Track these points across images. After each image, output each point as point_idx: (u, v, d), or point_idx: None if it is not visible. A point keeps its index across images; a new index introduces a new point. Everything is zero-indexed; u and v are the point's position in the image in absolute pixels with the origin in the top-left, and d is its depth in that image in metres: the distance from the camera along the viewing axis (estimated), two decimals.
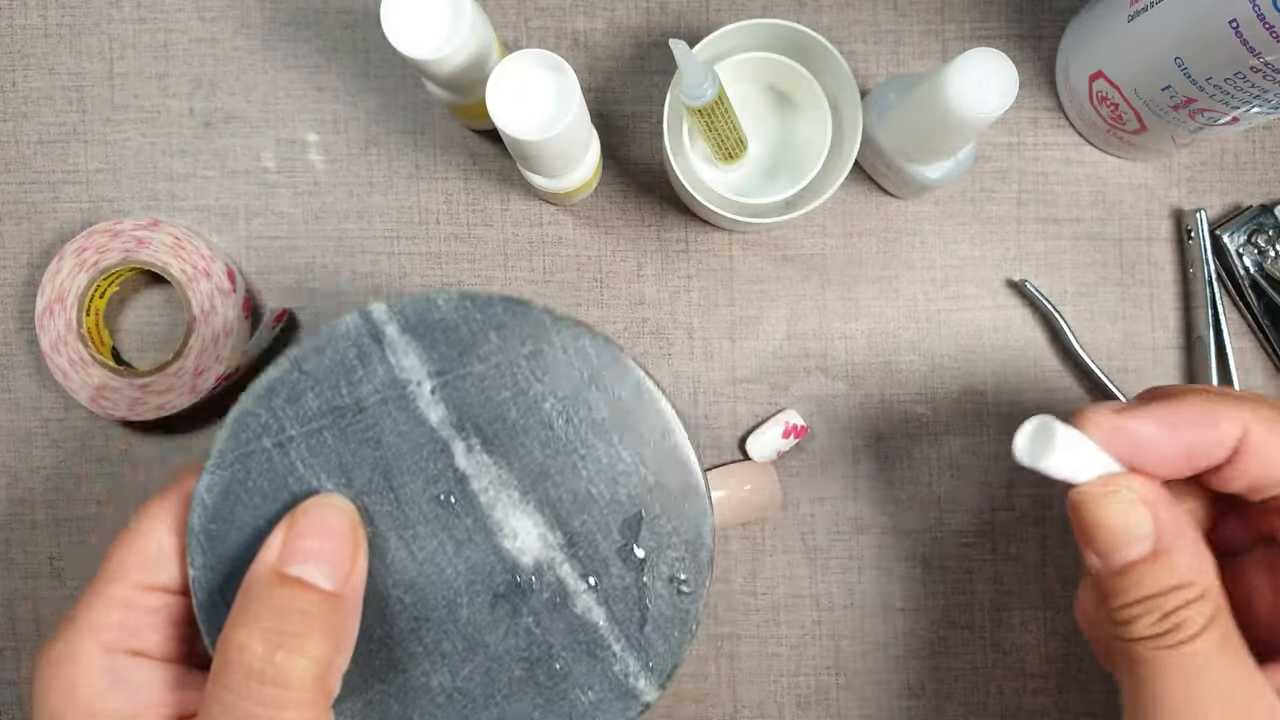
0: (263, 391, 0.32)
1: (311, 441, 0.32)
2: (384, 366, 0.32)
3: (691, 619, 0.33)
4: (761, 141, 0.42)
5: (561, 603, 0.33)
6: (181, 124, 0.44)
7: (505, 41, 0.44)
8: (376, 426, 0.32)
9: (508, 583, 0.32)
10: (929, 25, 0.44)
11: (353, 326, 0.32)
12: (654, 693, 0.33)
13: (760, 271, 0.44)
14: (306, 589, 0.28)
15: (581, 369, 0.33)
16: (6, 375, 0.44)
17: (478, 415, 0.32)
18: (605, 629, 0.33)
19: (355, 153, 0.44)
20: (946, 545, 0.44)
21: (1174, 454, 0.30)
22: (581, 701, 0.33)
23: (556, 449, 0.33)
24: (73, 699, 0.28)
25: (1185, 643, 0.28)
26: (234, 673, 0.26)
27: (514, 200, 0.44)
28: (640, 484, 0.33)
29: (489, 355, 0.32)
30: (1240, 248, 0.43)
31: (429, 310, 0.32)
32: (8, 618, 0.44)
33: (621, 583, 0.33)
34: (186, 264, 0.42)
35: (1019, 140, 0.44)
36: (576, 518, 0.33)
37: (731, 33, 0.38)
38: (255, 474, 0.31)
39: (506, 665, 0.32)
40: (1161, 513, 0.29)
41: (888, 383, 0.44)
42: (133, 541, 0.30)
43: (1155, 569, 0.29)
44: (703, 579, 0.33)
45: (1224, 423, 0.29)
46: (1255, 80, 0.33)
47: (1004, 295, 0.44)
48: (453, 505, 0.32)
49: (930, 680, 0.44)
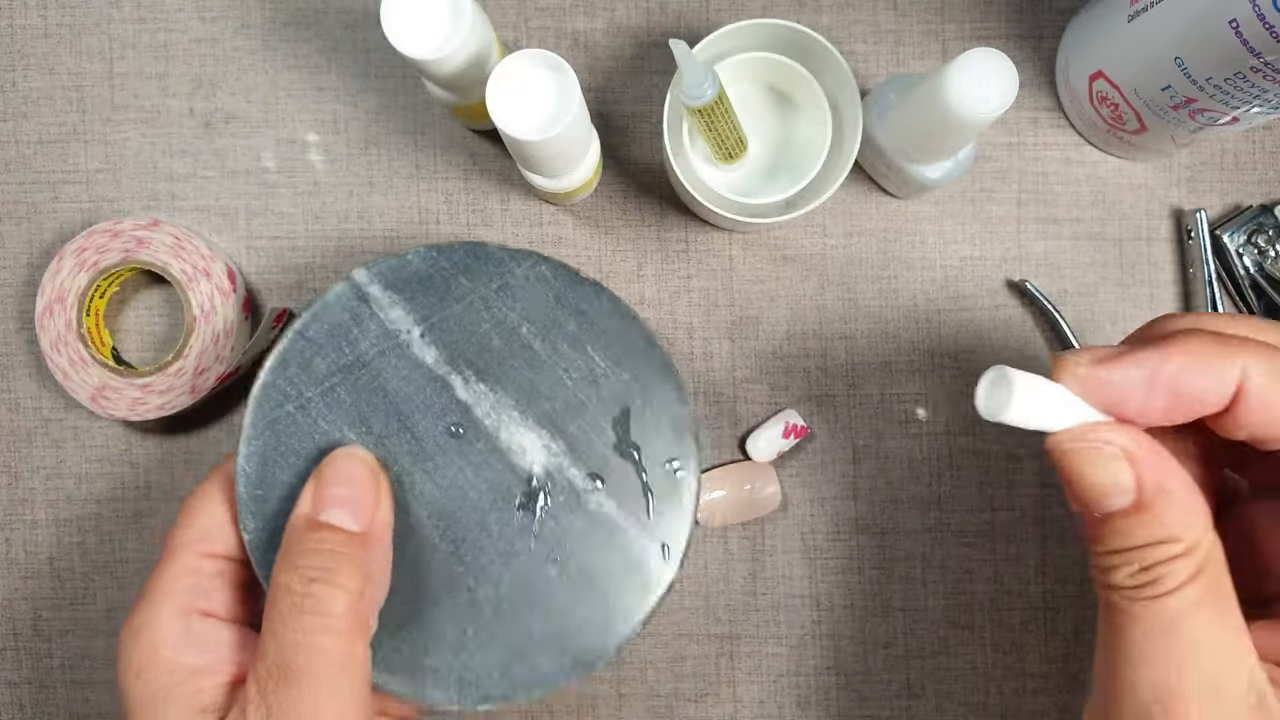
0: (277, 364, 0.35)
1: (328, 399, 0.35)
2: (375, 322, 0.36)
3: (690, 495, 0.36)
4: (761, 141, 0.42)
5: (575, 503, 0.36)
6: (182, 124, 0.44)
7: (505, 41, 0.44)
8: (381, 376, 0.35)
9: (525, 493, 0.36)
10: (929, 25, 0.44)
11: (342, 292, 0.36)
12: (672, 571, 0.36)
13: (760, 271, 0.44)
14: (335, 531, 0.31)
15: (544, 292, 0.36)
16: (7, 375, 0.44)
17: (466, 350, 0.36)
18: (618, 519, 0.36)
19: (355, 153, 0.44)
20: (946, 545, 0.44)
21: (1161, 404, 0.28)
22: (614, 589, 0.36)
23: (540, 367, 0.36)
24: (154, 658, 0.31)
25: (1161, 597, 0.27)
26: (279, 607, 0.30)
27: (514, 200, 0.44)
28: (619, 383, 0.36)
29: (463, 295, 0.36)
30: (1240, 248, 0.43)
31: (403, 267, 0.36)
32: (8, 618, 0.44)
33: (623, 475, 0.36)
34: (186, 264, 0.42)
35: (1019, 140, 0.44)
36: (572, 424, 0.36)
37: (731, 33, 0.38)
38: (285, 437, 0.35)
39: (540, 567, 0.35)
40: (1145, 464, 0.27)
41: (887, 383, 0.44)
42: (191, 519, 0.34)
43: (1138, 522, 0.27)
44: (691, 457, 0.36)
45: (1218, 369, 0.27)
46: (1255, 80, 0.33)
47: (1004, 295, 0.44)
48: (463, 434, 0.35)
49: (930, 680, 0.44)
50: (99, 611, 0.44)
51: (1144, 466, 0.27)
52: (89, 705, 0.44)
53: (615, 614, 0.36)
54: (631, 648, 0.44)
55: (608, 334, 0.36)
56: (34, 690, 0.44)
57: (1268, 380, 0.27)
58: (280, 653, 0.29)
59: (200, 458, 0.44)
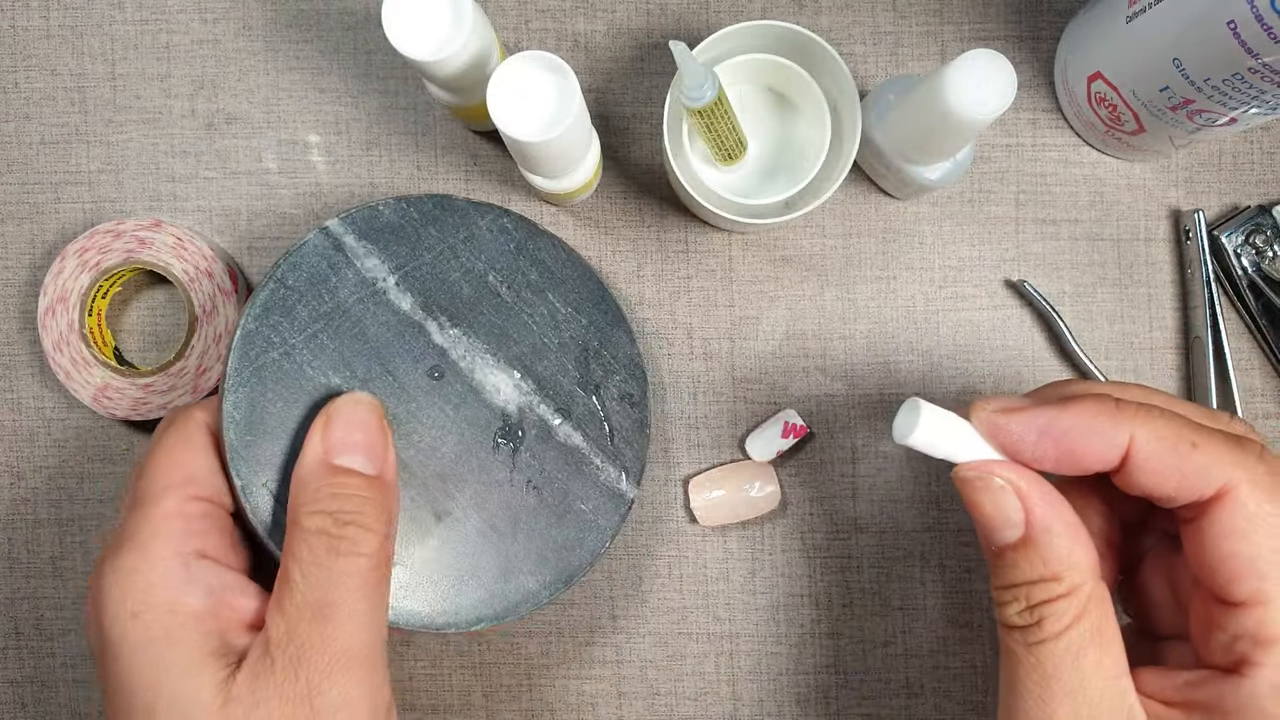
0: (259, 311, 0.36)
1: (312, 345, 0.36)
2: (352, 270, 0.37)
3: (645, 424, 0.41)
4: (761, 142, 0.42)
5: (547, 435, 0.39)
6: (183, 125, 0.44)
7: (506, 43, 0.44)
8: (361, 322, 0.37)
9: (501, 429, 0.39)
10: (928, 26, 0.44)
11: (318, 242, 0.37)
12: (634, 490, 0.40)
13: (759, 272, 0.44)
14: (355, 475, 0.32)
15: (507, 243, 0.39)
16: (9, 375, 0.45)
17: (439, 297, 0.38)
18: (585, 448, 0.39)
19: (357, 154, 0.44)
20: (946, 544, 0.44)
21: (1051, 455, 0.30)
22: (584, 510, 0.39)
23: (507, 313, 0.39)
24: (152, 598, 0.31)
25: (1045, 641, 0.29)
26: (312, 547, 0.31)
27: (515, 201, 0.44)
28: (579, 327, 0.40)
29: (433, 245, 0.38)
30: (1238, 248, 0.43)
31: (375, 216, 0.38)
32: (10, 617, 0.45)
33: (586, 408, 0.40)
34: (188, 264, 0.42)
35: (1017, 141, 0.44)
36: (539, 364, 0.39)
37: (731, 34, 0.39)
38: (271, 383, 0.36)
39: (520, 495, 0.39)
40: (1032, 502, 0.30)
41: (887, 383, 0.44)
42: (171, 462, 0.33)
43: (1024, 557, 0.29)
44: (645, 389, 0.41)
45: (1107, 433, 0.29)
46: (1253, 81, 0.34)
47: (1002, 296, 0.44)
48: (441, 377, 0.38)
49: (930, 679, 0.44)
50: None
51: (1032, 504, 0.30)
52: (91, 704, 0.44)
53: (589, 532, 0.39)
54: (631, 647, 0.44)
55: (566, 282, 0.40)
56: (36, 689, 0.45)
57: (1152, 445, 0.29)
58: (313, 591, 0.30)
59: None
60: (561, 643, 0.44)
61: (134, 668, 0.30)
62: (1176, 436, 0.29)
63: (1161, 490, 0.29)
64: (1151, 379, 0.44)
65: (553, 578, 0.39)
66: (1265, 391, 0.44)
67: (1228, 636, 0.29)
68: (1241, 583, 0.28)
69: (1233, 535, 0.28)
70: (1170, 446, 0.29)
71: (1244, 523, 0.28)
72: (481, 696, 0.44)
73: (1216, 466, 0.29)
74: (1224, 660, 0.29)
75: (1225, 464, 0.29)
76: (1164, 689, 0.30)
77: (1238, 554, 0.28)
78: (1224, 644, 0.29)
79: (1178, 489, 0.29)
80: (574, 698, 0.44)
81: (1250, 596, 0.28)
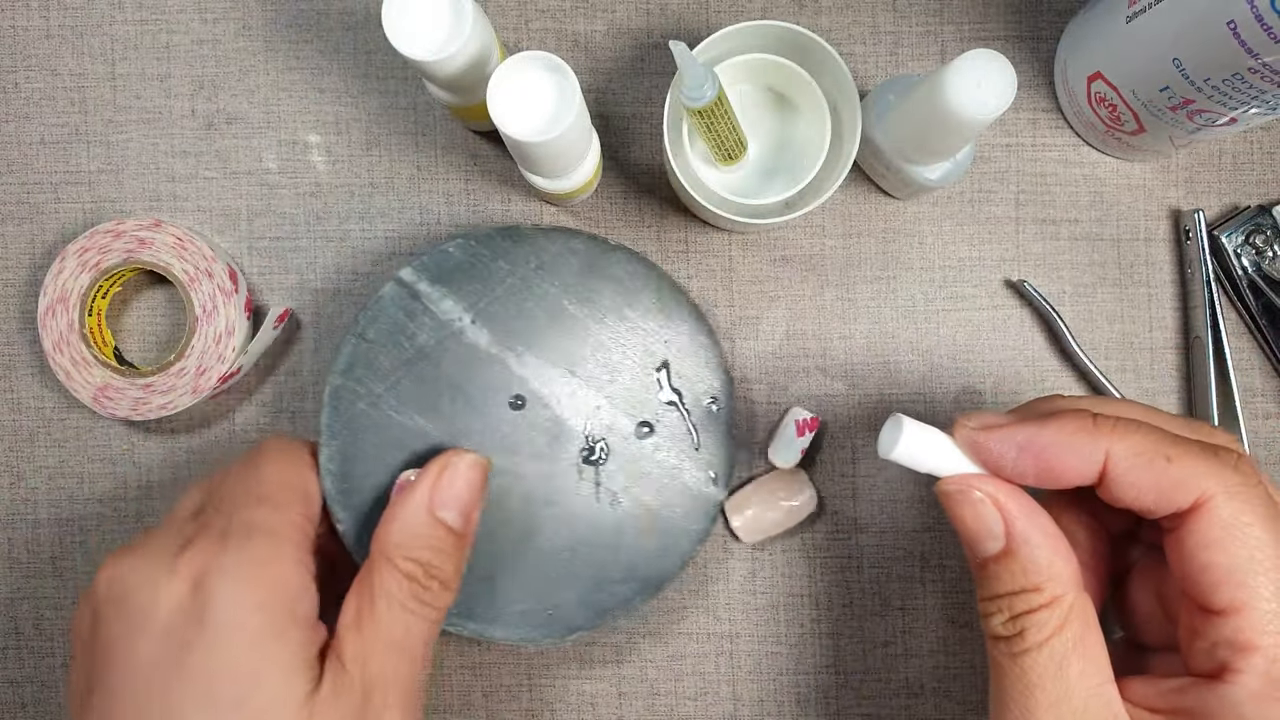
0: (344, 366, 0.39)
1: (396, 391, 0.39)
2: (429, 316, 0.39)
3: (730, 424, 0.41)
4: (761, 142, 0.42)
5: (630, 448, 0.40)
6: (183, 125, 0.44)
7: (506, 43, 0.44)
8: (441, 363, 0.39)
9: (586, 449, 0.40)
10: (927, 26, 0.44)
11: (394, 293, 0.39)
12: (722, 493, 0.40)
13: (759, 272, 0.44)
14: (448, 530, 0.35)
15: (577, 264, 0.40)
16: (9, 375, 0.45)
17: (514, 328, 0.39)
18: (669, 457, 0.40)
19: (357, 154, 0.44)
20: (945, 544, 0.44)
21: (1030, 470, 0.31)
22: (673, 517, 0.40)
23: (583, 334, 0.40)
24: (277, 596, 0.32)
25: (1028, 651, 0.29)
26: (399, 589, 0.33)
27: (515, 201, 0.44)
28: (655, 339, 0.40)
29: (504, 278, 0.39)
30: (1238, 248, 0.43)
31: (446, 259, 0.39)
32: (10, 617, 0.45)
33: (669, 417, 0.40)
34: (189, 264, 0.42)
35: (1017, 141, 0.44)
36: (617, 380, 0.40)
37: (731, 34, 0.39)
38: (361, 432, 0.38)
39: (608, 510, 0.40)
40: (1012, 514, 0.30)
41: (886, 383, 0.44)
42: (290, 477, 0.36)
43: (1005, 568, 0.30)
44: (729, 394, 0.41)
45: (1084, 449, 0.30)
46: (1253, 81, 0.34)
47: (1002, 296, 0.44)
48: (523, 405, 0.39)
49: (929, 679, 0.44)
50: None
51: (1012, 516, 0.31)
52: None
53: (679, 538, 0.40)
54: (631, 647, 0.44)
55: (640, 294, 0.40)
56: (36, 689, 0.45)
57: (1129, 460, 0.30)
58: (393, 627, 0.33)
59: (202, 457, 0.44)
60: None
61: (239, 657, 0.31)
62: (1152, 450, 0.30)
63: (1141, 503, 0.30)
64: (1151, 379, 0.44)
65: (644, 585, 0.40)
66: (1265, 391, 0.44)
67: (1209, 644, 0.29)
68: (1220, 591, 0.29)
69: (1210, 545, 0.29)
70: (1146, 461, 0.30)
71: (1220, 532, 0.29)
72: (481, 696, 0.44)
73: (1192, 478, 0.29)
74: (1207, 667, 0.29)
75: (1200, 475, 0.29)
76: (1149, 696, 0.30)
77: (1216, 563, 0.29)
78: (1206, 651, 0.29)
79: (1156, 502, 0.30)
80: (574, 698, 0.44)
81: (1229, 605, 0.29)
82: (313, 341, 0.44)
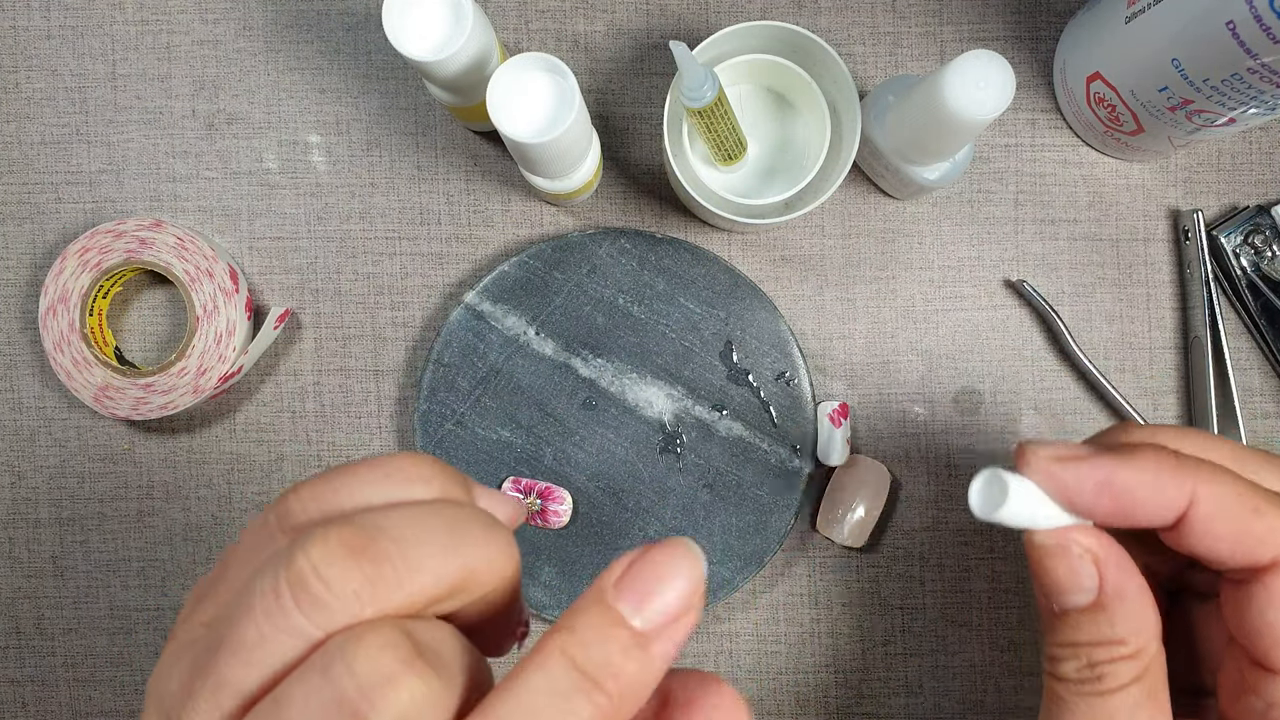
0: (428, 392, 0.42)
1: (477, 409, 0.42)
2: (495, 334, 0.42)
3: (805, 400, 0.42)
4: (760, 143, 0.42)
5: (708, 433, 0.41)
6: (184, 125, 0.44)
7: (506, 44, 0.44)
8: (514, 377, 0.42)
9: (663, 438, 0.41)
10: (927, 27, 0.44)
11: (461, 317, 0.42)
12: (809, 465, 0.42)
13: (759, 272, 0.44)
14: (620, 627, 0.28)
15: (629, 262, 0.41)
16: (10, 375, 0.45)
17: (577, 333, 0.42)
18: (748, 436, 0.41)
19: (357, 154, 0.44)
20: (945, 543, 0.44)
21: (1106, 509, 0.29)
22: (761, 495, 0.42)
23: (643, 329, 0.41)
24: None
25: (1101, 694, 0.28)
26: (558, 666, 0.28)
27: (515, 201, 0.44)
28: (717, 321, 0.41)
29: (560, 287, 0.41)
30: (1237, 248, 0.43)
31: (503, 279, 0.42)
32: (11, 616, 0.45)
33: (742, 398, 0.41)
34: (189, 264, 0.42)
35: (1016, 141, 0.44)
36: (685, 369, 0.41)
37: (731, 35, 0.39)
38: (451, 450, 0.42)
39: (694, 495, 0.42)
40: (1108, 568, 0.29)
41: (886, 382, 0.44)
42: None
43: (1092, 621, 0.29)
44: (799, 367, 0.42)
45: (1169, 490, 0.28)
46: (1252, 82, 0.34)
47: (1001, 295, 0.44)
48: (596, 405, 0.41)
49: (929, 678, 0.44)
50: (102, 610, 0.45)
51: (1108, 569, 0.29)
52: (91, 704, 0.45)
53: (769, 513, 0.41)
54: None
55: (696, 281, 0.41)
56: (37, 688, 0.45)
57: (1214, 507, 0.28)
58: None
59: (202, 457, 0.44)
60: None
61: None
62: (1238, 501, 0.28)
63: (1215, 552, 0.28)
64: (1150, 378, 0.44)
65: (743, 563, 0.41)
66: (1264, 391, 0.44)
67: (1263, 703, 0.28)
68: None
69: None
70: (1233, 511, 0.28)
71: None
72: None
73: (1276, 534, 0.28)
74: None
75: None
76: None
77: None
78: (1259, 710, 0.28)
79: (1232, 553, 0.28)
80: None
81: None
82: (313, 341, 0.44)
